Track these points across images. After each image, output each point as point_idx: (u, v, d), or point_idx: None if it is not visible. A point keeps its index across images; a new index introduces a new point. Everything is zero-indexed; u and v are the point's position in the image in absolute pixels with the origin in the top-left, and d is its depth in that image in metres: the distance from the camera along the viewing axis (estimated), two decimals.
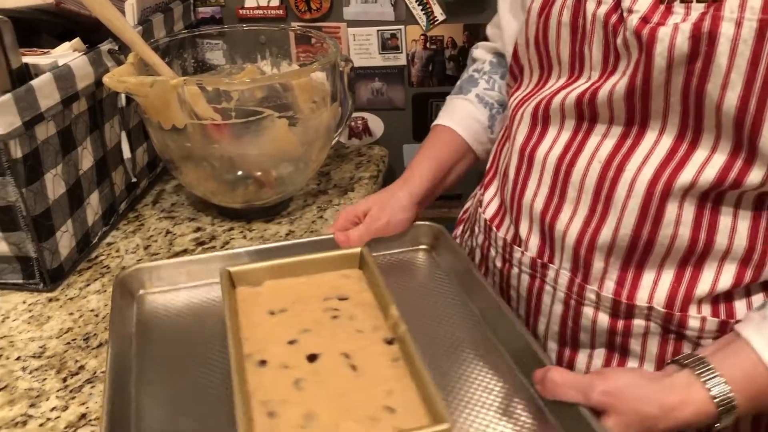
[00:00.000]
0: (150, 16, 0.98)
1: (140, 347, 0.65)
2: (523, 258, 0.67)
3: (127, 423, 0.56)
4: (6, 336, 0.72)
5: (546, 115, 0.65)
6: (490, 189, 0.76)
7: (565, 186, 0.63)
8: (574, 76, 0.63)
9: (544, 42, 0.65)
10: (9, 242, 0.76)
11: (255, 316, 0.62)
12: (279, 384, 0.54)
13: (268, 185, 0.92)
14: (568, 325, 0.65)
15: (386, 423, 0.51)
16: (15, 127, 0.69)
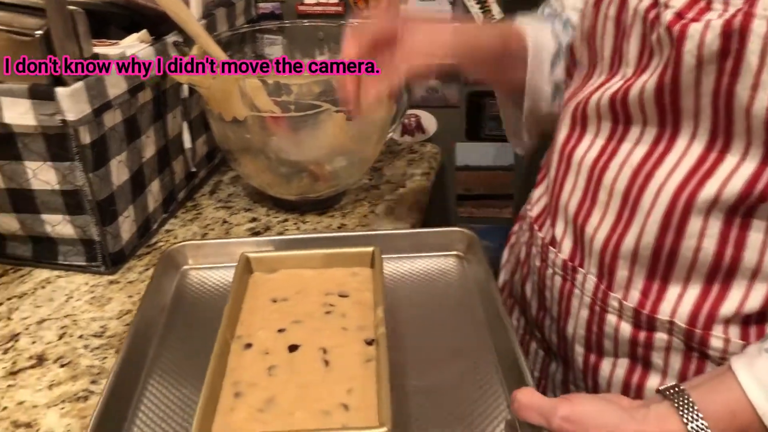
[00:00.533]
0: (213, 10, 1.00)
1: (170, 317, 0.70)
2: (557, 259, 0.67)
3: (135, 384, 0.61)
4: (70, 315, 0.75)
5: (584, 115, 0.64)
6: (539, 188, 0.75)
7: (597, 189, 0.62)
8: (612, 73, 0.62)
9: (592, 36, 0.64)
10: (75, 225, 0.79)
11: (258, 301, 0.66)
12: (254, 368, 0.57)
13: (322, 179, 0.94)
14: (593, 331, 0.65)
15: (337, 419, 0.52)
16: (85, 113, 0.72)
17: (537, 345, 0.77)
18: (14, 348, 0.70)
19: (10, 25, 0.71)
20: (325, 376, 0.56)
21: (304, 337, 0.61)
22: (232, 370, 0.57)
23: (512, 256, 0.84)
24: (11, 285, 0.81)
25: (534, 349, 0.77)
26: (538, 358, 0.77)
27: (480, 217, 1.27)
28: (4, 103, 0.71)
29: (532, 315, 0.75)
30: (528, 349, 0.78)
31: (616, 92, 0.59)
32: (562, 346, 0.70)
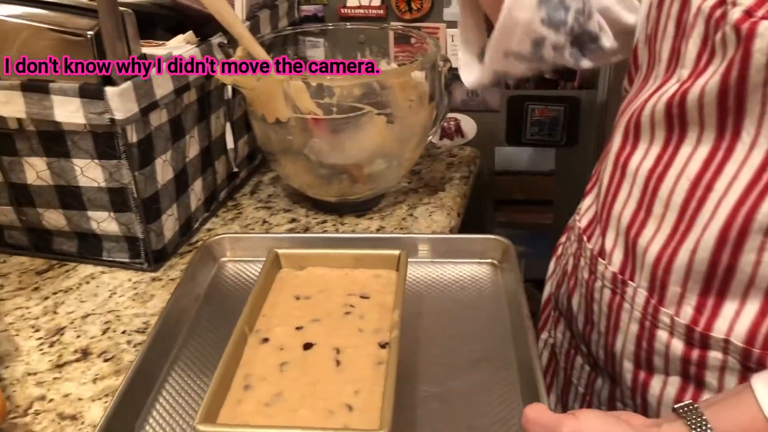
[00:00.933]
0: (257, 12, 1.01)
1: (202, 307, 0.74)
2: (606, 272, 0.65)
3: (159, 370, 0.64)
4: (113, 310, 0.77)
5: (638, 124, 0.62)
6: (588, 197, 0.74)
7: (652, 201, 0.60)
8: (667, 76, 0.60)
9: (654, 38, 0.62)
10: (119, 222, 0.81)
11: (281, 297, 0.67)
12: (267, 362, 0.59)
13: (361, 181, 0.94)
14: (643, 347, 0.63)
15: (339, 419, 0.53)
16: (133, 113, 0.73)
17: (583, 360, 0.75)
18: (60, 341, 0.72)
19: (63, 25, 0.73)
20: (335, 376, 0.57)
21: (319, 336, 0.62)
22: (246, 363, 0.59)
23: (559, 268, 0.83)
24: (57, 279, 0.83)
25: (579, 363, 0.76)
26: (583, 373, 0.75)
27: (519, 222, 1.26)
28: (56, 101, 0.73)
29: (578, 329, 0.73)
30: (573, 363, 0.77)
31: (672, 96, 0.57)
32: (609, 361, 0.68)
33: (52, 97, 0.73)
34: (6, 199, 0.83)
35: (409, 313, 0.71)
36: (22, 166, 0.80)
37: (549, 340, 0.84)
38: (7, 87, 0.73)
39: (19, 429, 0.61)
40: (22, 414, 0.62)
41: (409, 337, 0.67)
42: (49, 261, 0.86)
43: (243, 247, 0.81)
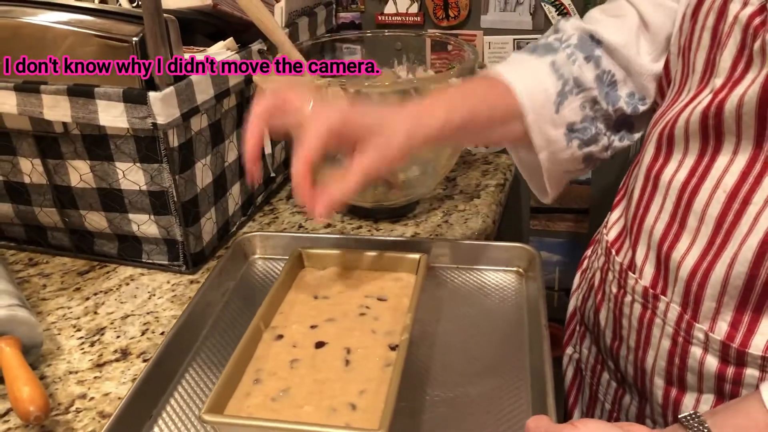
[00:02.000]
0: (296, 19, 1.02)
1: (229, 301, 0.76)
2: (636, 286, 0.64)
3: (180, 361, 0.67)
4: (152, 312, 0.78)
5: (671, 135, 0.61)
6: (616, 210, 0.73)
7: (686, 214, 0.59)
8: (701, 87, 0.59)
9: (688, 50, 0.61)
10: (159, 225, 0.82)
11: (301, 296, 0.69)
12: (279, 359, 0.60)
13: (396, 187, 0.94)
14: (675, 363, 0.61)
15: (341, 417, 0.54)
16: (174, 117, 0.75)
17: (610, 376, 0.74)
18: (100, 341, 0.73)
19: (108, 31, 0.74)
20: (343, 375, 0.58)
21: (332, 336, 0.63)
22: (258, 358, 0.60)
23: (584, 281, 0.81)
24: (98, 280, 0.84)
25: (606, 380, 0.75)
26: (610, 390, 0.74)
27: (554, 231, 1.25)
28: (100, 106, 0.74)
29: (605, 344, 0.72)
30: (600, 379, 0.76)
31: (708, 106, 0.56)
32: (639, 378, 0.67)
33: (97, 101, 0.74)
34: (50, 201, 0.85)
35: (428, 318, 0.72)
36: (67, 168, 0.82)
37: (574, 356, 0.83)
38: (54, 92, 0.75)
39: (61, 426, 0.62)
40: (64, 411, 0.64)
41: (426, 342, 0.68)
42: (90, 262, 0.88)
43: (273, 246, 0.84)
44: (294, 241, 0.82)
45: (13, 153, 0.83)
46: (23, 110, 0.77)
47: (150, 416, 0.61)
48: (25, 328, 0.66)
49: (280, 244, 0.84)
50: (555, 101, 0.69)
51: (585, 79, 0.69)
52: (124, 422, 0.58)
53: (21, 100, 0.76)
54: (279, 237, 0.84)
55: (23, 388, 0.58)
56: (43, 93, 0.76)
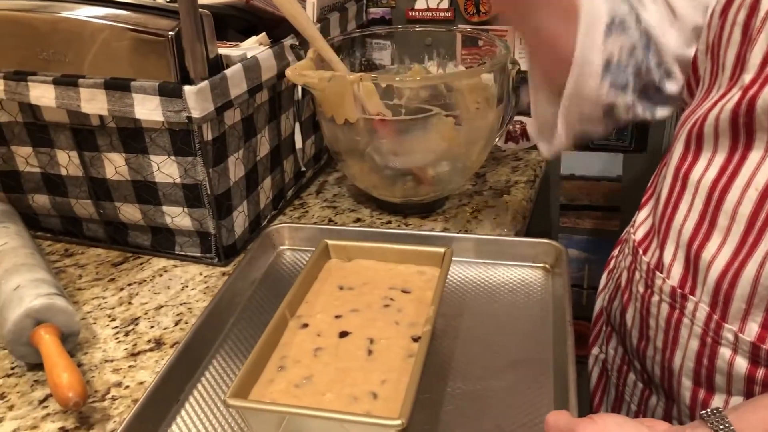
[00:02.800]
0: (327, 15, 1.03)
1: (256, 291, 0.78)
2: (664, 286, 0.63)
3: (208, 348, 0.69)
4: (185, 303, 0.79)
5: (700, 133, 0.60)
6: (644, 210, 0.72)
7: (716, 213, 0.58)
8: (731, 84, 0.58)
9: (717, 47, 0.60)
10: (192, 217, 0.83)
11: (326, 286, 0.70)
12: (303, 347, 0.61)
13: (426, 182, 0.94)
14: (703, 364, 0.61)
15: (362, 405, 0.55)
16: (209, 111, 0.76)
17: (636, 377, 0.73)
18: (135, 331, 0.74)
19: (145, 26, 0.76)
20: (365, 365, 0.59)
21: (356, 326, 0.64)
22: (283, 345, 0.61)
23: (611, 281, 0.81)
24: (132, 272, 0.86)
25: (632, 380, 0.74)
26: (636, 391, 0.74)
27: (584, 228, 1.24)
28: (136, 99, 0.75)
29: (632, 345, 0.72)
30: (626, 380, 0.75)
31: (738, 104, 0.56)
32: (666, 379, 0.66)
33: (133, 95, 0.75)
34: (86, 193, 0.87)
35: (452, 312, 0.72)
36: (102, 161, 0.83)
37: (600, 356, 0.83)
38: (92, 85, 0.76)
39: (98, 412, 0.63)
40: (101, 399, 0.65)
41: (449, 335, 0.69)
42: (124, 253, 0.90)
43: (301, 237, 0.85)
44: (321, 233, 0.84)
45: (51, 145, 0.85)
46: (61, 103, 0.78)
47: (177, 400, 0.63)
48: (64, 317, 0.67)
49: (307, 235, 0.85)
50: (604, 29, 0.67)
51: (629, 24, 0.68)
52: (152, 405, 0.60)
53: (59, 93, 0.78)
54: (307, 229, 0.86)
55: (62, 374, 0.60)
56: (80, 86, 0.77)
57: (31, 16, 0.79)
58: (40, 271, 0.73)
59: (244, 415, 0.56)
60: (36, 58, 0.81)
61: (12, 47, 0.81)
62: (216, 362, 0.68)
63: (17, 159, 0.88)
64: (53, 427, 0.62)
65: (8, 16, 0.80)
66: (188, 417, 0.61)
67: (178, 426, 0.60)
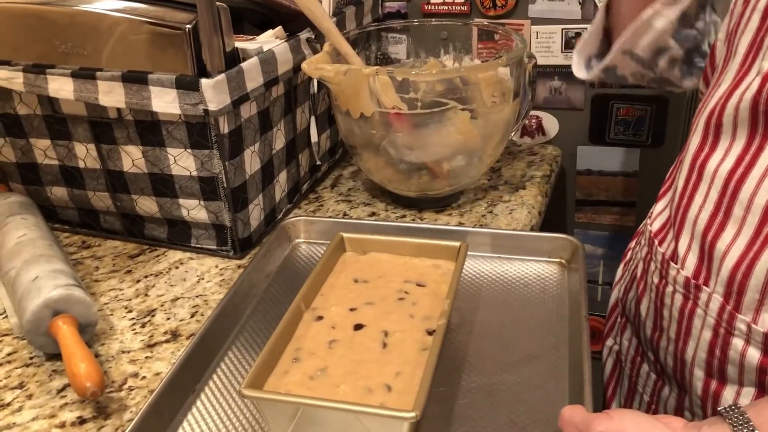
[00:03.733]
0: (343, 9, 1.03)
1: (272, 283, 0.79)
2: (678, 276, 0.63)
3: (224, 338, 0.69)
4: (201, 295, 0.79)
5: (719, 123, 0.59)
6: (661, 201, 0.72)
7: (731, 203, 0.58)
8: (744, 71, 0.57)
9: (735, 33, 0.60)
10: (209, 210, 0.84)
11: (341, 279, 0.70)
12: (318, 339, 0.62)
13: (441, 176, 0.94)
14: (716, 355, 0.60)
15: (377, 397, 0.55)
16: (225, 104, 0.76)
17: (649, 367, 0.73)
18: (151, 323, 0.75)
19: (162, 19, 0.76)
20: (379, 357, 0.59)
21: (371, 319, 0.64)
22: (298, 338, 0.62)
23: (627, 273, 0.81)
24: (148, 264, 0.86)
25: (645, 371, 0.74)
26: (649, 381, 0.73)
27: (600, 224, 1.24)
28: (154, 92, 0.76)
29: (646, 335, 0.72)
30: (639, 371, 0.75)
31: (759, 91, 0.55)
32: (679, 369, 0.66)
33: (150, 87, 0.76)
34: (103, 185, 0.87)
35: (467, 306, 0.72)
36: (119, 153, 0.84)
37: (614, 347, 0.83)
38: (109, 78, 0.77)
39: (115, 402, 0.64)
40: (118, 389, 0.66)
41: (464, 329, 0.69)
42: (140, 246, 0.90)
43: (316, 230, 0.86)
44: (336, 227, 0.84)
45: (69, 138, 0.86)
46: (80, 96, 0.79)
47: (193, 391, 0.63)
48: (81, 308, 0.68)
49: (323, 228, 0.85)
50: None
51: None
52: (168, 396, 0.60)
53: (78, 86, 0.79)
54: (322, 222, 0.86)
55: (80, 364, 0.60)
56: (98, 79, 0.77)
57: (49, 9, 0.80)
58: (58, 263, 0.74)
59: (259, 405, 0.56)
60: (55, 51, 0.81)
61: (31, 40, 0.82)
62: (231, 354, 0.68)
63: (36, 151, 0.89)
64: (71, 416, 0.63)
65: (27, 9, 0.81)
66: (203, 407, 0.62)
67: (193, 416, 0.61)
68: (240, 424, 0.59)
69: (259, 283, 0.78)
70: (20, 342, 0.73)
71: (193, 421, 0.60)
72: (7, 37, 0.83)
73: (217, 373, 0.66)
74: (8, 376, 0.68)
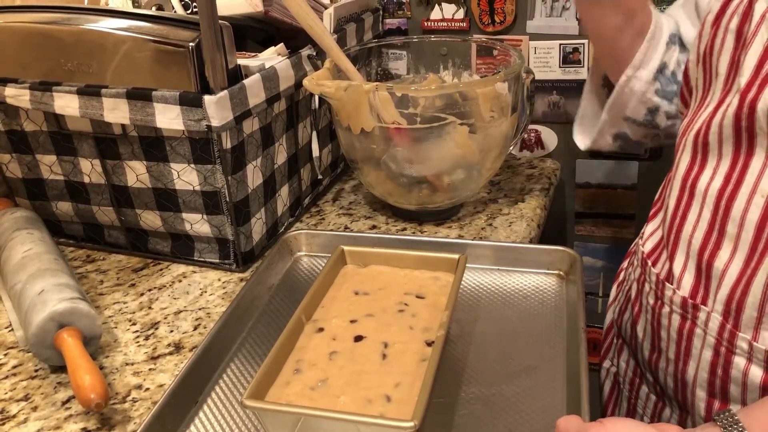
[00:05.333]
0: (344, 26, 1.04)
1: (274, 295, 0.80)
2: (675, 297, 0.63)
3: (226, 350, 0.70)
4: (204, 308, 0.80)
5: (705, 142, 0.60)
6: (653, 221, 0.73)
7: (724, 221, 0.58)
8: (726, 90, 0.59)
9: (710, 55, 0.61)
10: (211, 224, 0.85)
11: (342, 292, 0.71)
12: (319, 351, 0.63)
13: (441, 190, 0.95)
14: (718, 374, 0.60)
15: (376, 408, 0.56)
16: (228, 120, 0.77)
17: (648, 389, 0.74)
18: (154, 335, 0.76)
19: (166, 37, 0.77)
20: (379, 368, 0.60)
21: (371, 330, 0.65)
22: (299, 349, 0.63)
23: (621, 294, 0.81)
24: (152, 277, 0.87)
25: (645, 393, 0.74)
26: (649, 403, 0.74)
27: (599, 236, 1.25)
28: (157, 108, 0.77)
29: (644, 357, 0.72)
30: (638, 393, 0.76)
31: (739, 107, 0.56)
32: (680, 390, 0.66)
33: (154, 104, 0.77)
34: (107, 200, 0.89)
35: (466, 317, 0.73)
36: (124, 169, 0.85)
37: (611, 369, 0.83)
38: (114, 95, 0.78)
39: (119, 414, 0.65)
40: (121, 401, 0.66)
41: (463, 340, 0.70)
42: (144, 259, 0.91)
43: (318, 243, 0.87)
44: (337, 240, 0.85)
45: (74, 154, 0.87)
46: (85, 113, 0.80)
47: (196, 402, 0.64)
48: (86, 320, 0.69)
49: (324, 241, 0.87)
50: (667, 39, 0.76)
51: (687, 40, 0.77)
52: (171, 407, 0.61)
53: (83, 103, 0.80)
54: (323, 235, 0.87)
55: (85, 376, 0.61)
56: (103, 96, 0.79)
57: (55, 28, 0.82)
58: (63, 276, 0.75)
59: (260, 416, 0.57)
60: (60, 68, 0.83)
61: (37, 58, 0.84)
62: (234, 365, 0.69)
63: (41, 167, 0.90)
64: (76, 428, 0.64)
65: (34, 28, 0.83)
66: (206, 418, 0.62)
67: (196, 427, 0.62)
68: None
69: (261, 295, 0.79)
70: (25, 355, 0.74)
71: None
72: (14, 55, 0.84)
73: (219, 384, 0.67)
74: (14, 388, 0.69)
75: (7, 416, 0.65)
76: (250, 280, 0.78)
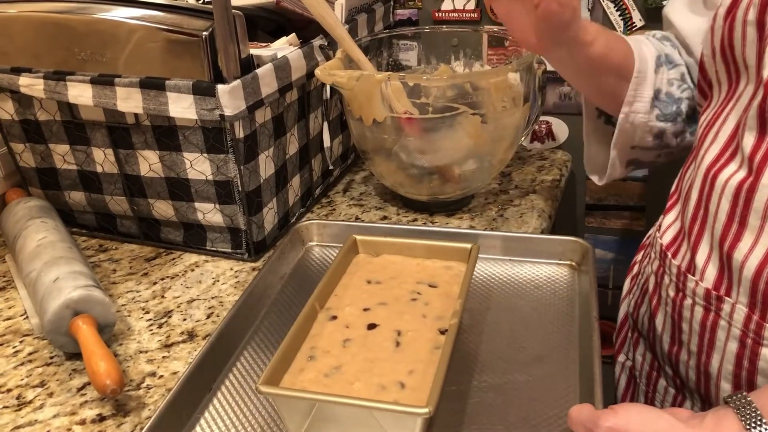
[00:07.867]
0: (356, 16, 1.04)
1: (286, 285, 0.80)
2: (697, 288, 0.63)
3: (239, 338, 0.71)
4: (216, 297, 0.81)
5: (741, 135, 0.60)
6: (671, 213, 0.72)
7: (746, 212, 0.58)
8: (759, 81, 0.58)
9: (730, 48, 0.61)
10: (224, 214, 0.85)
11: (354, 280, 0.71)
12: (332, 338, 0.63)
13: (452, 180, 0.95)
14: (744, 366, 0.60)
15: (390, 394, 0.56)
16: (241, 109, 0.78)
17: (667, 382, 0.73)
18: (168, 323, 0.76)
19: (179, 26, 0.78)
20: (393, 356, 0.60)
21: (384, 318, 0.65)
22: (312, 337, 0.63)
23: (636, 287, 0.81)
24: (164, 266, 0.88)
25: (663, 386, 0.74)
26: (668, 397, 0.73)
27: (610, 228, 1.25)
28: (171, 98, 0.77)
29: (663, 350, 0.72)
30: (656, 386, 0.75)
31: (763, 99, 0.56)
32: (702, 383, 0.66)
33: (168, 93, 0.77)
34: (120, 190, 0.89)
35: (478, 307, 0.73)
36: (137, 158, 0.86)
37: (627, 363, 0.83)
38: (127, 84, 0.79)
39: (133, 400, 0.65)
40: (136, 387, 0.67)
41: (475, 329, 0.70)
42: (156, 249, 0.92)
43: (329, 233, 0.87)
44: (349, 230, 0.85)
45: (87, 143, 0.88)
46: (98, 102, 0.81)
47: (210, 389, 0.65)
48: (100, 308, 0.70)
49: (336, 232, 0.87)
50: (652, 65, 0.75)
51: (675, 57, 0.76)
52: (185, 394, 0.61)
53: (97, 92, 0.80)
54: (335, 225, 0.87)
55: (100, 363, 0.62)
56: (117, 85, 0.79)
57: (68, 17, 0.82)
58: (77, 264, 0.75)
59: (275, 402, 0.58)
60: (74, 58, 0.83)
61: (51, 48, 0.84)
62: (247, 353, 0.69)
63: (55, 156, 0.91)
64: (91, 414, 0.64)
65: (47, 17, 0.83)
66: (220, 405, 0.63)
67: (210, 413, 0.62)
68: (255, 422, 0.61)
69: (274, 284, 0.79)
70: (41, 342, 0.74)
71: (210, 419, 0.61)
72: (27, 44, 0.85)
73: (233, 372, 0.67)
74: (30, 374, 0.70)
75: (23, 402, 0.66)
76: (263, 270, 0.79)
